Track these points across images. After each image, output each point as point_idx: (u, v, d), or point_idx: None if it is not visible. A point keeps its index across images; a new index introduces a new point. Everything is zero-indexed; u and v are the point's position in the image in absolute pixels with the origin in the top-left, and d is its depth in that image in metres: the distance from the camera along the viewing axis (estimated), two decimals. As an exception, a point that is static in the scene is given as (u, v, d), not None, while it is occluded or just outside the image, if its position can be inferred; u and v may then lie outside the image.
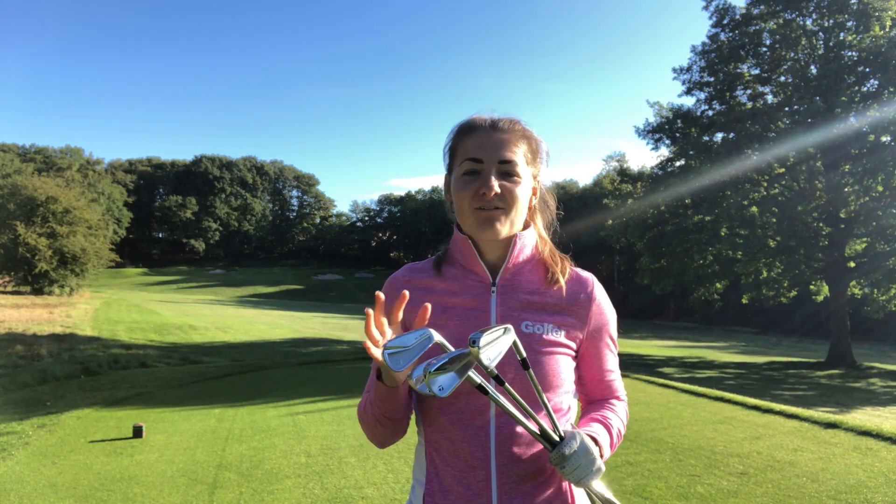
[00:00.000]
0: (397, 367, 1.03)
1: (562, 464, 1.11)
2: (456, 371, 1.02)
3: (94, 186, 62.32)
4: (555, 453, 1.11)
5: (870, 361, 20.93)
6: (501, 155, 1.21)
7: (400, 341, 1.05)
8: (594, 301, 1.30)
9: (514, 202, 1.22)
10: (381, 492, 4.18)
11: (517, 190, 1.22)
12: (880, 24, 17.10)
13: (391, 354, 1.04)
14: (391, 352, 1.04)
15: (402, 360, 1.04)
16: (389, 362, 1.03)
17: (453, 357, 1.03)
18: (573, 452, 1.11)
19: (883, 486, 4.15)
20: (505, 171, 1.21)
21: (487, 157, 1.21)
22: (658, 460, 4.88)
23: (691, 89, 20.70)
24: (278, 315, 30.87)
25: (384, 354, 1.04)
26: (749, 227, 18.64)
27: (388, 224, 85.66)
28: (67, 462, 4.93)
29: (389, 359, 1.04)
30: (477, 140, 1.23)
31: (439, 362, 1.01)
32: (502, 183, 1.21)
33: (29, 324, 18.62)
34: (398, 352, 1.04)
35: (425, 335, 1.06)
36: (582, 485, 1.12)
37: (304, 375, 9.97)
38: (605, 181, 50.88)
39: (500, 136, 1.23)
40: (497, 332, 1.03)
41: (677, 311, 46.72)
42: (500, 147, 1.22)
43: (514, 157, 1.22)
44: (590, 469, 1.11)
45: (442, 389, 1.00)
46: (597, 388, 1.35)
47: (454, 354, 1.03)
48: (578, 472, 1.10)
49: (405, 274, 1.36)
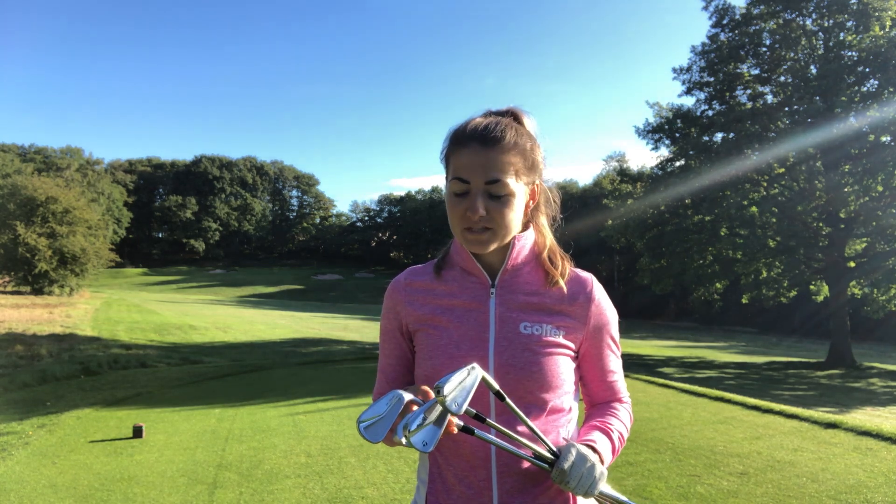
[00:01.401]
0: (375, 439, 1.05)
1: (564, 480, 1.11)
2: (434, 422, 1.04)
3: (94, 186, 62.30)
4: (555, 472, 1.12)
5: (870, 361, 20.94)
6: (489, 176, 1.17)
7: (372, 412, 1.06)
8: (593, 301, 1.29)
9: (503, 222, 1.20)
10: (381, 492, 4.18)
11: (505, 210, 1.19)
12: (880, 24, 17.10)
13: (367, 427, 1.05)
14: (366, 424, 1.06)
15: (380, 430, 1.05)
16: (367, 435, 1.05)
17: (426, 409, 1.04)
18: (571, 465, 1.11)
19: (883, 486, 4.15)
20: (494, 192, 1.18)
21: (475, 178, 1.18)
22: (658, 460, 4.88)
23: (691, 89, 20.70)
24: (278, 315, 30.87)
25: (360, 429, 1.06)
26: (749, 227, 18.65)
27: (388, 224, 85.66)
28: (67, 462, 4.93)
29: (366, 432, 1.05)
30: (466, 157, 1.19)
31: (415, 422, 1.02)
32: (490, 205, 1.18)
33: (29, 324, 18.62)
34: (373, 422, 1.06)
35: (395, 398, 1.07)
36: (590, 495, 1.13)
37: (304, 375, 9.97)
38: (605, 181, 50.91)
39: (490, 153, 1.18)
40: (462, 375, 1.04)
41: (677, 311, 46.71)
42: (488, 168, 1.17)
43: (504, 176, 1.18)
44: (592, 476, 1.12)
45: (426, 444, 1.02)
46: (599, 389, 1.35)
47: (426, 407, 1.05)
48: (583, 482, 1.11)
49: (406, 277, 1.36)
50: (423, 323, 1.29)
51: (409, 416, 1.03)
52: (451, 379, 1.02)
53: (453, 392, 1.01)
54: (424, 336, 1.28)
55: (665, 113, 21.34)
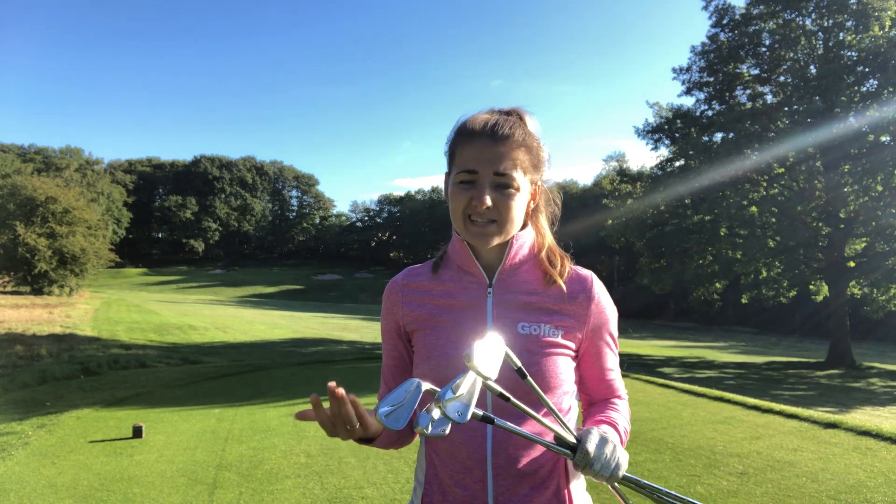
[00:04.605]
0: (398, 426, 1.01)
1: (590, 463, 1.06)
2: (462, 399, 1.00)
3: (94, 186, 62.31)
4: (579, 456, 1.06)
5: (869, 361, 20.95)
6: (497, 167, 1.18)
7: (390, 400, 1.03)
8: (593, 300, 1.28)
9: (509, 215, 1.20)
10: (381, 492, 4.18)
11: (512, 202, 1.19)
12: (879, 24, 17.11)
13: (387, 416, 1.02)
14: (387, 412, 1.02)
15: (402, 418, 1.02)
16: (388, 424, 1.01)
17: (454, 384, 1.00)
18: (596, 447, 1.07)
19: (883, 486, 4.15)
20: (500, 184, 1.19)
21: (484, 169, 1.19)
22: (658, 460, 4.88)
23: (691, 89, 20.72)
24: (278, 315, 30.87)
25: (380, 419, 1.02)
26: (749, 227, 18.65)
27: (388, 224, 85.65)
28: (67, 462, 4.93)
29: (387, 420, 1.01)
30: (474, 150, 1.20)
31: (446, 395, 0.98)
32: (496, 196, 1.19)
33: (29, 324, 18.62)
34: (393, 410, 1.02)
35: (413, 384, 1.04)
36: (615, 478, 1.08)
37: (304, 375, 9.97)
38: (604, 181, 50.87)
39: (498, 147, 1.19)
40: (486, 344, 1.01)
41: (677, 311, 46.72)
42: (496, 160, 1.19)
43: (511, 170, 1.19)
44: (616, 458, 1.08)
45: (461, 415, 0.98)
46: (597, 387, 1.34)
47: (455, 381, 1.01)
48: (607, 464, 1.06)
49: (403, 278, 1.36)
50: (421, 323, 1.29)
51: (441, 390, 1.00)
52: (476, 347, 0.99)
53: (482, 360, 0.99)
54: (422, 336, 1.27)
55: (665, 113, 21.35)
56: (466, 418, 0.98)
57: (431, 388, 1.06)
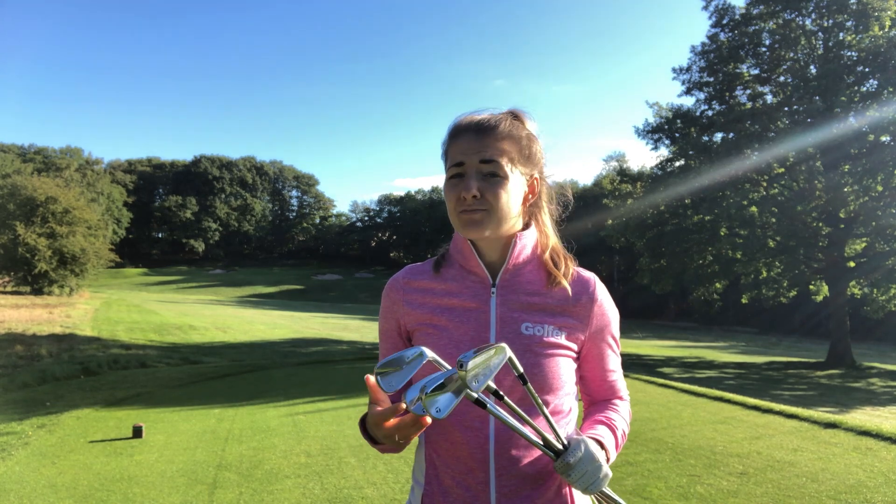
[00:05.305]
0: (389, 388, 1.01)
1: (567, 472, 1.09)
2: (453, 391, 0.97)
3: (93, 186, 62.32)
4: (559, 462, 1.09)
5: (869, 361, 20.94)
6: (482, 156, 1.20)
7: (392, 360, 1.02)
8: (596, 302, 1.28)
9: (497, 203, 1.19)
10: (381, 492, 4.18)
11: (500, 190, 1.19)
12: (879, 24, 17.10)
13: (383, 375, 1.01)
14: (383, 372, 1.01)
15: (395, 381, 1.01)
16: (382, 383, 1.01)
17: (448, 377, 0.97)
18: (578, 461, 1.09)
19: (883, 486, 4.15)
20: (488, 172, 1.20)
21: (469, 158, 1.20)
22: (658, 460, 4.88)
23: (691, 89, 20.71)
24: (278, 315, 30.87)
25: (376, 375, 1.01)
26: (749, 227, 18.64)
27: (388, 224, 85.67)
28: (67, 462, 4.93)
29: (382, 380, 1.01)
30: (461, 144, 1.22)
31: (433, 385, 0.95)
32: (483, 185, 1.19)
33: (29, 324, 18.62)
34: (390, 372, 1.01)
35: (418, 352, 1.03)
36: (589, 492, 1.11)
37: (304, 375, 9.96)
38: (605, 181, 50.90)
39: (483, 138, 1.21)
40: (489, 353, 0.99)
41: (677, 311, 46.69)
42: (480, 149, 1.20)
43: (496, 157, 1.20)
44: (596, 476, 1.10)
45: (439, 411, 0.95)
46: (599, 388, 1.35)
47: (448, 374, 0.98)
48: (585, 479, 1.09)
49: (405, 276, 1.35)
50: (422, 323, 1.28)
51: (429, 378, 0.97)
52: (476, 355, 0.96)
53: (476, 369, 0.96)
54: (423, 336, 1.27)
55: (665, 113, 21.34)
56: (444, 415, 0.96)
57: (435, 360, 1.05)
